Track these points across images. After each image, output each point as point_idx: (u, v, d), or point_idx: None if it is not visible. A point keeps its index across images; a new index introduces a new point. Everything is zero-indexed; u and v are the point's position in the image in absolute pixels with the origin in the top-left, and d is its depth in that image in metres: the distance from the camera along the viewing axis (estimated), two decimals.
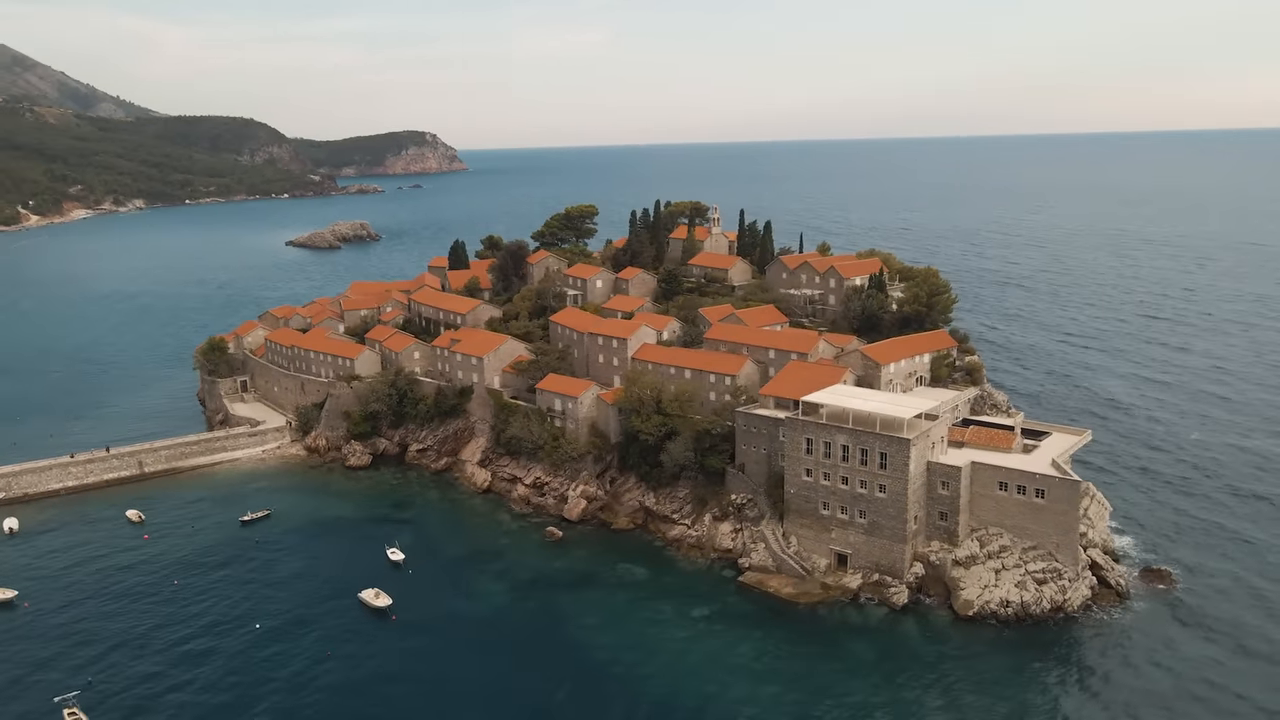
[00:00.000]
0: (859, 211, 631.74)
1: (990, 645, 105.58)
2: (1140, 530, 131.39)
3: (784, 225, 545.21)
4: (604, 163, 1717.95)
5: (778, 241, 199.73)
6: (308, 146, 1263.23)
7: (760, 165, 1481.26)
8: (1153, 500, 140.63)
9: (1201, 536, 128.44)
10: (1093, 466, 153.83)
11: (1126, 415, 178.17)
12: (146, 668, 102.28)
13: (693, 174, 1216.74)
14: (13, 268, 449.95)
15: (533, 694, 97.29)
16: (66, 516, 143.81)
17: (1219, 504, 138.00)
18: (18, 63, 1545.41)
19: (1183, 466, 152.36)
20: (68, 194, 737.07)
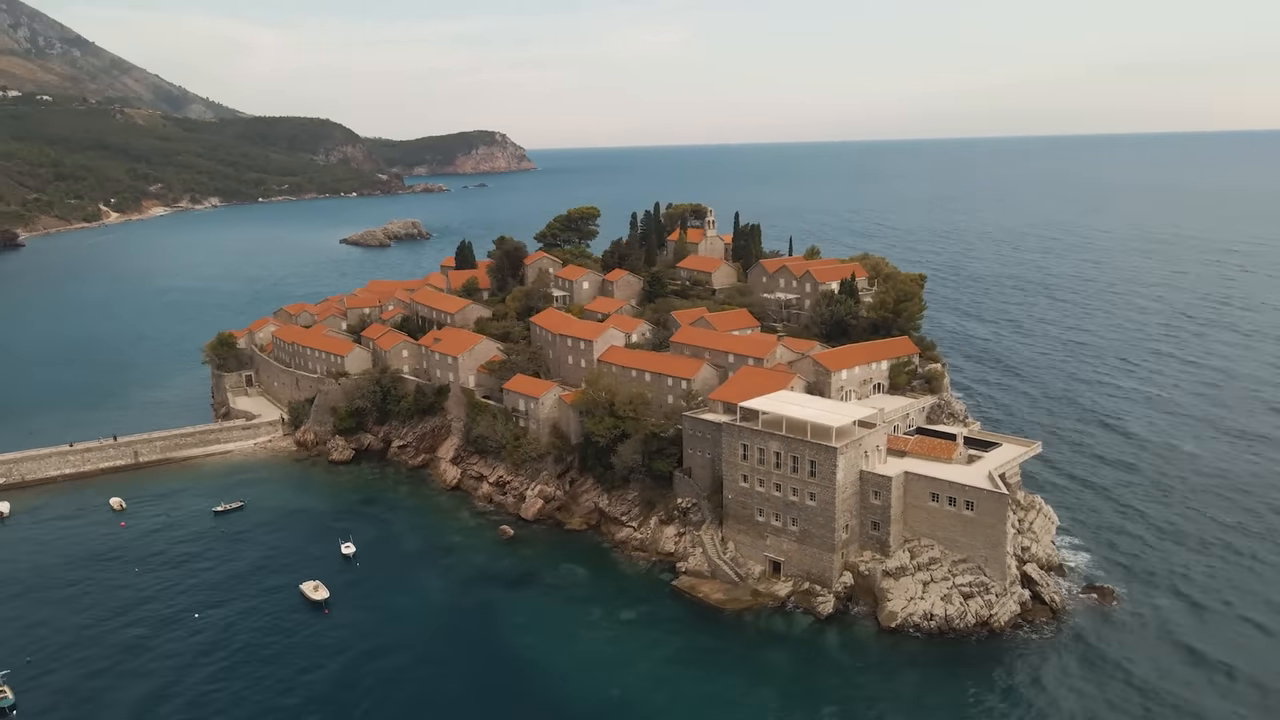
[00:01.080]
0: (908, 213, 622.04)
1: (908, 659, 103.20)
2: (1096, 546, 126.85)
3: (809, 227, 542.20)
4: (671, 163, 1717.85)
5: (790, 245, 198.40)
6: (381, 146, 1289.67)
7: (821, 165, 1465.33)
8: (1117, 516, 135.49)
9: (1158, 555, 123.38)
10: (1057, 479, 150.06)
11: (1110, 431, 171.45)
12: (82, 650, 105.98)
13: (748, 174, 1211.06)
14: (83, 263, 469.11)
15: (436, 690, 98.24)
16: (57, 503, 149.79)
17: (1184, 524, 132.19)
18: (116, 66, 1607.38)
19: (1158, 485, 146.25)
20: (148, 192, 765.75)
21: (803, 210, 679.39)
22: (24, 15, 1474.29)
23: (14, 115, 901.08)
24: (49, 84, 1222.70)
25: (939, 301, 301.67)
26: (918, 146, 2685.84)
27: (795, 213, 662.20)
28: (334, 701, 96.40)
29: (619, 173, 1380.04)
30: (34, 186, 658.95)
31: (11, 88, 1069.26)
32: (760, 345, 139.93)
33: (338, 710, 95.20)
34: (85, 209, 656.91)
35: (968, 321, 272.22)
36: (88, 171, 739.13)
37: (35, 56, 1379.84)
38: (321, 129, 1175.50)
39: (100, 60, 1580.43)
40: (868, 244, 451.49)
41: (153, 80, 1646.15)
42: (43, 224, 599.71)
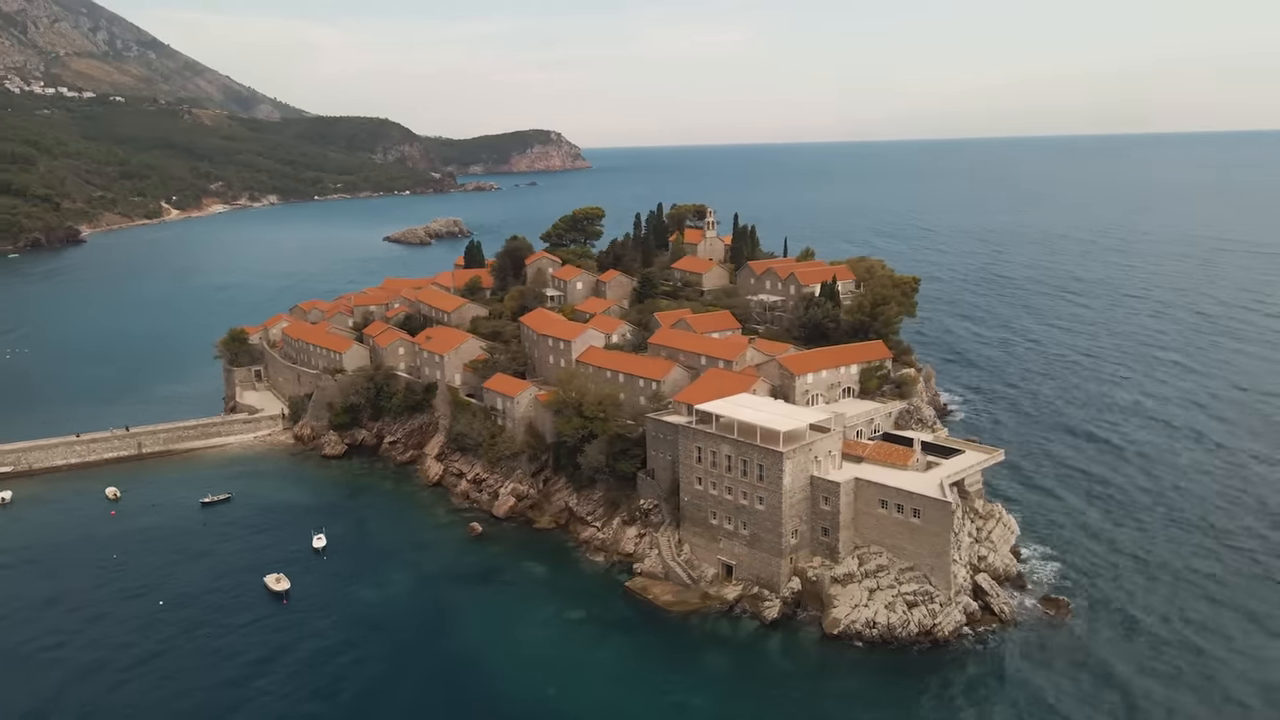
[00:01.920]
0: (948, 213, 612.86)
1: (846, 667, 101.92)
2: (1066, 557, 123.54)
3: (838, 228, 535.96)
4: (726, 162, 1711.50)
5: (785, 246, 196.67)
6: (438, 145, 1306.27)
7: (869, 164, 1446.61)
8: (1092, 530, 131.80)
9: (1125, 573, 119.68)
10: (1040, 488, 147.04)
11: (1102, 443, 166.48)
12: (39, 631, 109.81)
13: (796, 173, 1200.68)
14: (136, 258, 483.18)
15: (373, 683, 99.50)
16: (58, 491, 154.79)
17: (1159, 544, 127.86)
18: (189, 67, 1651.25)
19: (1143, 501, 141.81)
20: (208, 190, 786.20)
21: (838, 210, 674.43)
22: (103, 19, 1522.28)
23: (88, 116, 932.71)
24: (124, 85, 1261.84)
25: (960, 305, 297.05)
26: (974, 145, 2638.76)
27: (827, 212, 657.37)
28: (266, 691, 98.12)
29: (672, 172, 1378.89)
30: (100, 184, 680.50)
31: (89, 89, 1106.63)
32: (730, 348, 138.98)
33: (267, 698, 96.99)
34: (147, 206, 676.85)
35: (983, 326, 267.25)
36: (152, 170, 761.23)
37: (113, 59, 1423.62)
38: (380, 128, 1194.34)
39: (174, 62, 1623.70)
40: (894, 245, 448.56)
41: (223, 81, 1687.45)
42: (106, 220, 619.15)
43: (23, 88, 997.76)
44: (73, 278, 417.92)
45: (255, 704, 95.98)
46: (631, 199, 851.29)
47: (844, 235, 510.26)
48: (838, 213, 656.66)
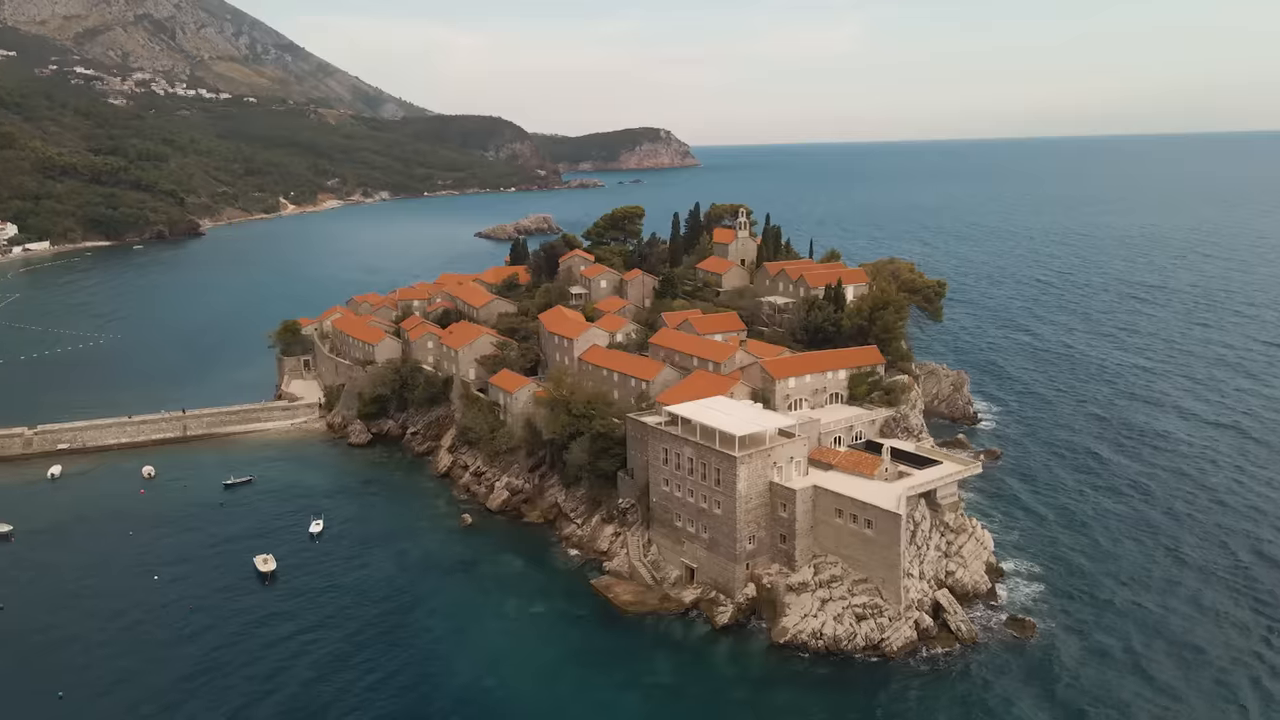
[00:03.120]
0: (1041, 215, 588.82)
1: (788, 676, 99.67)
2: (1046, 578, 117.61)
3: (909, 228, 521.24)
4: (834, 160, 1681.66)
5: (810, 248, 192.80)
6: (549, 142, 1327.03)
7: (973, 163, 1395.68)
8: (1084, 552, 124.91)
9: (1106, 596, 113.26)
10: (1045, 502, 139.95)
11: (1121, 465, 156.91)
12: (38, 596, 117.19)
13: (905, 172, 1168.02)
14: (246, 250, 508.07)
15: (326, 663, 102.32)
16: (102, 468, 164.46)
17: (1151, 566, 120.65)
18: (321, 69, 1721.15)
19: (1147, 523, 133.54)
20: (324, 186, 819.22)
21: (921, 210, 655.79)
22: (245, 24, 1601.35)
23: (222, 116, 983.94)
24: (261, 87, 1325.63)
25: (1021, 311, 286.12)
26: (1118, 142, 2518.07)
27: (908, 212, 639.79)
28: (221, 663, 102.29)
29: (778, 169, 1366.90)
30: (225, 181, 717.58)
31: (229, 91, 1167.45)
32: (720, 350, 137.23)
33: (224, 669, 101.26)
34: (266, 201, 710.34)
35: (1040, 333, 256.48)
36: (274, 167, 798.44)
37: (252, 62, 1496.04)
38: (493, 126, 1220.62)
39: (308, 64, 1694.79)
40: (962, 247, 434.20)
41: (352, 82, 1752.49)
42: (227, 215, 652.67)
43: (167, 89, 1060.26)
44: (182, 268, 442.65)
45: (206, 677, 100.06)
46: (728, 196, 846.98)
47: (915, 236, 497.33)
48: (919, 213, 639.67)
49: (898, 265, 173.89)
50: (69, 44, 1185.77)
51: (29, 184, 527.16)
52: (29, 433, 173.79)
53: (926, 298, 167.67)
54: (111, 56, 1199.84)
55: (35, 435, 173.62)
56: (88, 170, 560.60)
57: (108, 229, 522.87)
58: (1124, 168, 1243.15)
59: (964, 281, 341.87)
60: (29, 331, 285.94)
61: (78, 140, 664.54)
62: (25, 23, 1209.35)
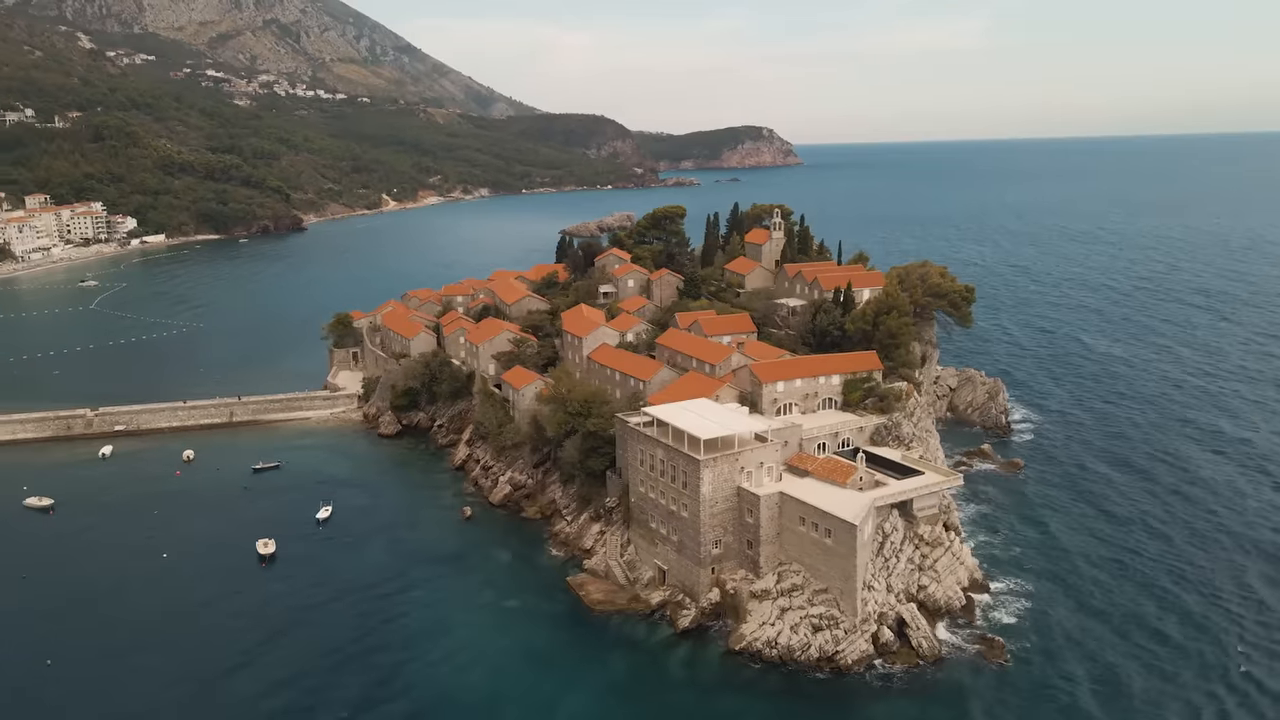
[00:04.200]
0: (1144, 217, 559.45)
1: (738, 684, 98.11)
2: (1034, 598, 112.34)
3: (986, 232, 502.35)
4: (945, 158, 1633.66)
5: (839, 250, 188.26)
6: (651, 141, 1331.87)
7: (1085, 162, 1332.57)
8: (1080, 574, 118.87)
9: (1094, 624, 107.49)
10: (1051, 522, 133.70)
11: (1148, 488, 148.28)
12: (60, 568, 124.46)
13: (1011, 172, 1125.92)
14: (343, 244, 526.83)
15: (295, 645, 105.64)
16: (149, 450, 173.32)
17: (1149, 602, 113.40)
18: (436, 70, 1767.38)
19: (1160, 557, 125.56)
20: (426, 183, 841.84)
21: (1007, 210, 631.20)
22: (366, 27, 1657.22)
23: (336, 115, 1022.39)
24: (378, 87, 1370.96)
25: (1089, 319, 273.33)
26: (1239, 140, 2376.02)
27: (997, 212, 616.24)
28: (197, 639, 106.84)
29: (884, 169, 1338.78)
30: (332, 178, 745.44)
31: (348, 91, 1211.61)
32: (717, 352, 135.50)
33: (197, 643, 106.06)
34: (369, 198, 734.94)
35: (1107, 342, 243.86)
36: (379, 165, 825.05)
37: (371, 64, 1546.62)
38: (595, 125, 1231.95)
39: (424, 65, 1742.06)
40: (1030, 250, 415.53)
41: (465, 82, 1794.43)
42: (330, 210, 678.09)
43: (288, 91, 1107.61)
44: (277, 260, 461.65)
45: (176, 651, 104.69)
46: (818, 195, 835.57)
47: (994, 238, 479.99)
48: (1005, 213, 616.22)
49: (928, 269, 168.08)
50: (203, 48, 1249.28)
51: (150, 180, 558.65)
52: (91, 414, 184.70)
53: (953, 303, 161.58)
54: (241, 60, 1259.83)
55: (96, 416, 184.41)
56: (203, 167, 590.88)
57: (217, 223, 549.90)
58: None
59: (1038, 287, 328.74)
60: (124, 319, 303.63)
61: (201, 139, 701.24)
62: (165, 29, 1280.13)
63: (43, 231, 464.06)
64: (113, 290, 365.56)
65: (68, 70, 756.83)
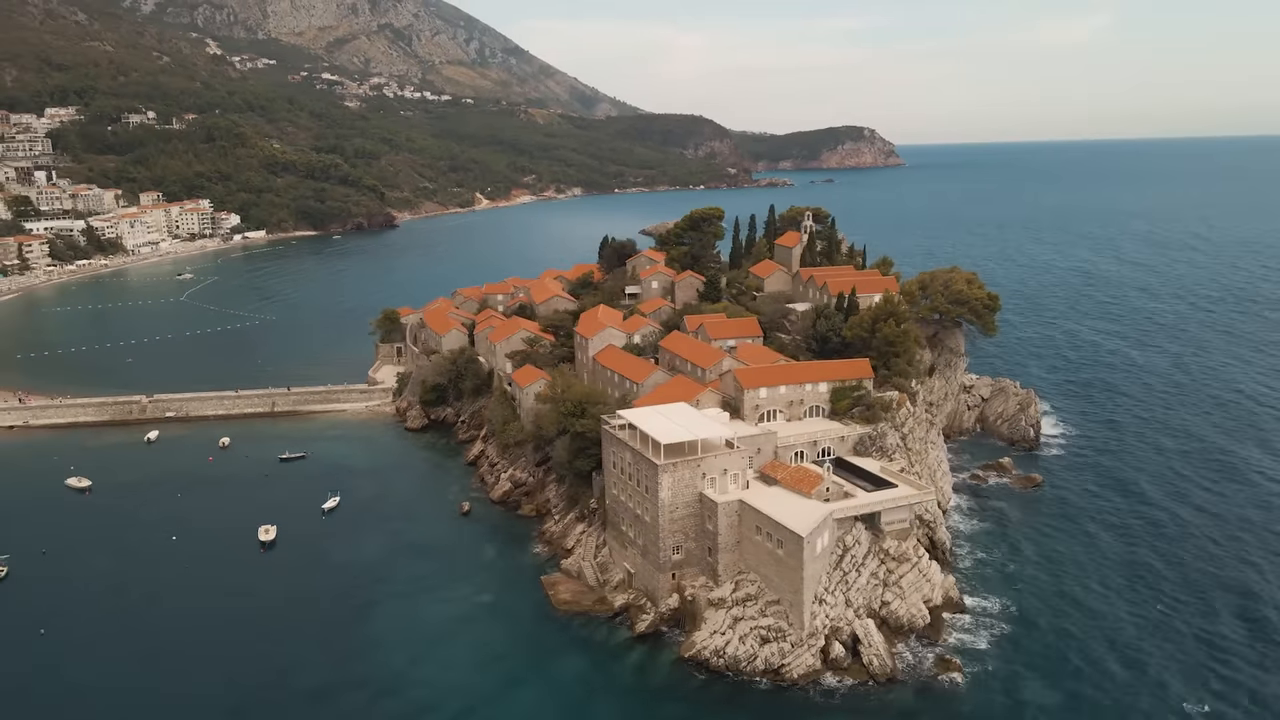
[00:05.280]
0: (1245, 221, 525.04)
1: (683, 692, 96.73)
2: (1009, 620, 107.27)
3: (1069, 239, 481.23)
4: (1057, 158, 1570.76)
5: (864, 254, 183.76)
6: (749, 140, 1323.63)
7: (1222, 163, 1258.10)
8: (1068, 597, 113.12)
9: (1066, 652, 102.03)
10: (1058, 543, 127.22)
11: (1173, 511, 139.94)
12: (79, 546, 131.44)
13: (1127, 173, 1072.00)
14: (429, 240, 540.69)
15: (268, 629, 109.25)
16: (190, 436, 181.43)
17: (1123, 634, 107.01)
18: (543, 71, 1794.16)
19: (1164, 587, 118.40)
20: (520, 182, 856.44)
21: (1114, 214, 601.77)
22: (476, 30, 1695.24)
23: (439, 116, 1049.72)
24: (484, 89, 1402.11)
25: (1160, 330, 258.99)
26: None
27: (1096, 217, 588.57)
28: (179, 619, 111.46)
29: (989, 170, 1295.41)
30: (429, 176, 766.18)
31: (455, 93, 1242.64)
32: (709, 357, 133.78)
33: (168, 617, 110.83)
34: (462, 196, 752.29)
35: (1174, 355, 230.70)
36: (476, 164, 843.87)
37: (479, 65, 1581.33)
38: (693, 125, 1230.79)
39: (531, 66, 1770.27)
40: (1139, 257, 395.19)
41: (571, 83, 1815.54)
42: (425, 209, 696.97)
43: (396, 93, 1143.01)
44: (365, 256, 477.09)
45: (149, 624, 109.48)
46: (896, 195, 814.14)
47: (1070, 242, 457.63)
48: (1110, 217, 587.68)
49: (953, 275, 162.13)
50: (320, 53, 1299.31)
51: (255, 179, 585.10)
52: (146, 400, 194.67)
53: (975, 311, 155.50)
54: (355, 63, 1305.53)
55: (150, 403, 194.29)
56: (304, 167, 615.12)
57: (315, 220, 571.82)
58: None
59: (1108, 294, 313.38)
60: (208, 311, 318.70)
61: (308, 139, 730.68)
62: (286, 34, 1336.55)
63: (152, 227, 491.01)
64: (205, 283, 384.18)
65: (191, 75, 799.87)
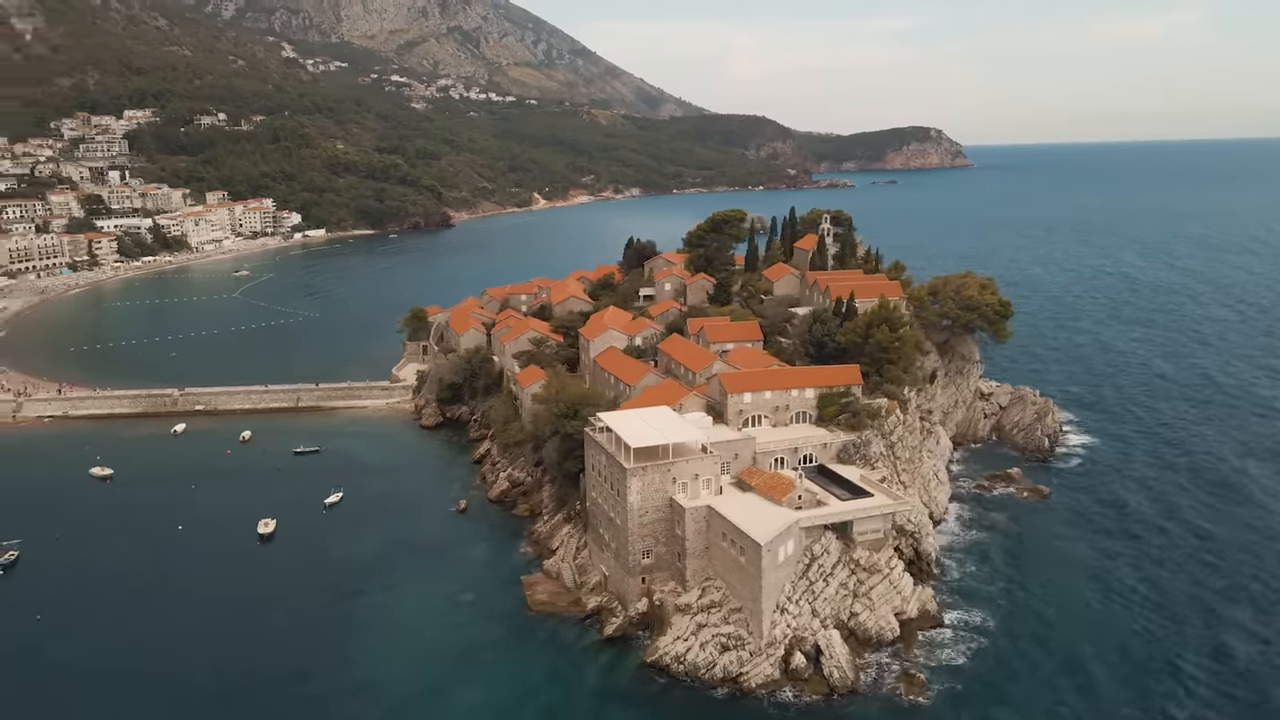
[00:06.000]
0: None
1: (642, 698, 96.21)
2: (984, 640, 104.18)
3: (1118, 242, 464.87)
4: (1137, 160, 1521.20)
5: (877, 257, 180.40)
6: (812, 141, 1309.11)
7: None
8: (1047, 619, 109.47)
9: (1041, 676, 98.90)
10: (1026, 554, 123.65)
11: (1162, 536, 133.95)
12: (93, 533, 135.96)
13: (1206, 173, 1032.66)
14: (480, 240, 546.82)
15: (246, 623, 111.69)
16: (217, 429, 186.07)
17: (1097, 667, 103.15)
18: (609, 72, 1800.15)
19: (1155, 621, 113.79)
20: (578, 182, 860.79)
21: (1178, 216, 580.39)
22: (544, 32, 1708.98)
23: (502, 117, 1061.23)
24: (550, 89, 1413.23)
25: (1219, 344, 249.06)
26: None
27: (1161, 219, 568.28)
28: (171, 607, 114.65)
29: (1060, 170, 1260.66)
30: (488, 176, 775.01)
31: (521, 94, 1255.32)
32: (700, 360, 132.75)
33: (161, 602, 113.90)
34: (520, 196, 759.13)
35: (1222, 369, 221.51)
36: (535, 164, 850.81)
37: (546, 67, 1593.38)
38: (755, 125, 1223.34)
39: (597, 67, 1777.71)
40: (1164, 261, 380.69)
41: (636, 83, 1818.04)
42: (483, 208, 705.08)
43: (462, 94, 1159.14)
44: (417, 254, 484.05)
45: (156, 612, 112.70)
46: (959, 197, 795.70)
47: (1130, 248, 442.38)
48: (1172, 219, 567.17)
49: (967, 280, 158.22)
50: (391, 55, 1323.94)
51: (318, 179, 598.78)
52: (177, 394, 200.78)
53: (984, 317, 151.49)
54: (424, 65, 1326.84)
55: (181, 396, 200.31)
56: (365, 167, 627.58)
57: (373, 219, 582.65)
58: None
59: (1163, 301, 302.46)
60: (258, 308, 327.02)
61: (373, 140, 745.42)
62: (358, 38, 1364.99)
63: (216, 225, 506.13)
64: (259, 280, 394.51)
65: (263, 78, 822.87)
